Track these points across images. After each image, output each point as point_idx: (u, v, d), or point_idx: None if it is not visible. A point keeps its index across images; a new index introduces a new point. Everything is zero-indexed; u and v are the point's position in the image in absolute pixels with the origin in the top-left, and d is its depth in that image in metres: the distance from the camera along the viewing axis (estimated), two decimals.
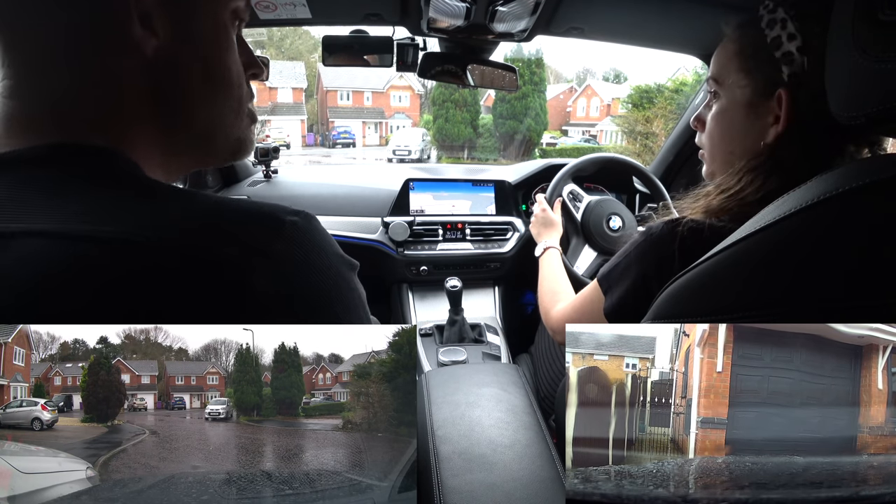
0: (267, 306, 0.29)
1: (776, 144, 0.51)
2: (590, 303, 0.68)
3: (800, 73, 0.48)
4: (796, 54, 0.48)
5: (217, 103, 0.38)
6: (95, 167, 0.31)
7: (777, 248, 0.34)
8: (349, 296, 0.34)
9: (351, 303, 0.34)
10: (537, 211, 1.16)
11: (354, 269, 0.36)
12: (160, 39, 0.33)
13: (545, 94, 16.53)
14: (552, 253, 1.05)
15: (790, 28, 0.48)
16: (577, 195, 1.25)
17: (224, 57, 0.37)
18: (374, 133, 20.89)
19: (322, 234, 0.33)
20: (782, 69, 0.49)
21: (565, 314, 0.78)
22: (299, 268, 0.31)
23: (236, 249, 0.29)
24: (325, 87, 20.43)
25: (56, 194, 0.29)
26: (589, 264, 1.19)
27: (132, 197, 0.30)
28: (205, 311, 0.27)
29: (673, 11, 1.00)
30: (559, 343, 0.94)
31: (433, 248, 1.37)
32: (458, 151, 15.85)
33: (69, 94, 0.32)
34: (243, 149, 0.41)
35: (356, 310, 0.35)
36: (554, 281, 0.96)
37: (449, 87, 14.00)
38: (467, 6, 0.92)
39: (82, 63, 0.32)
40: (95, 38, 0.32)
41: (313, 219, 0.33)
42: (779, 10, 0.49)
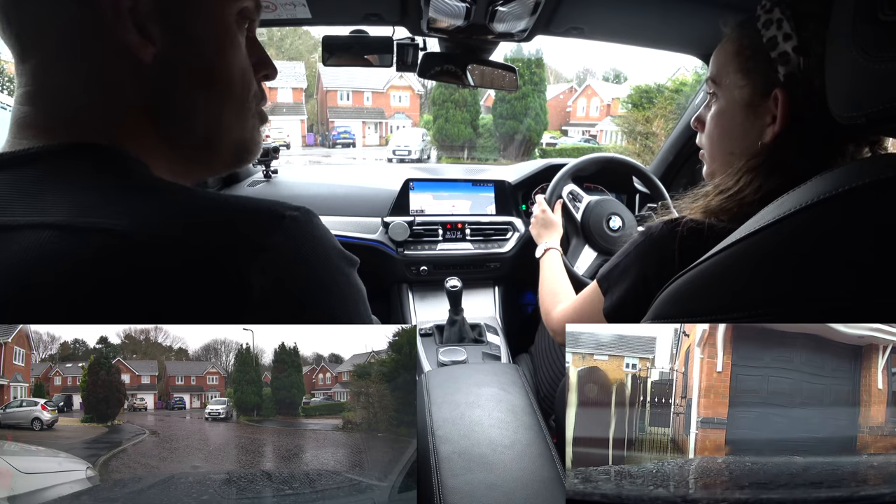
0: (267, 300, 0.29)
1: (774, 144, 0.51)
2: (589, 303, 0.68)
3: (796, 72, 0.48)
4: (792, 54, 0.48)
5: (218, 108, 0.38)
6: (101, 164, 0.32)
7: (777, 247, 0.34)
8: (348, 290, 0.34)
9: (350, 297, 0.34)
10: (537, 212, 1.16)
11: (354, 265, 0.36)
12: (158, 46, 0.34)
13: (545, 94, 16.52)
14: (553, 254, 1.05)
15: (786, 28, 0.48)
16: (577, 195, 1.25)
17: (226, 60, 0.37)
18: (374, 133, 20.88)
19: (321, 230, 0.33)
20: (779, 69, 0.49)
21: (565, 315, 0.78)
22: (298, 261, 0.31)
23: (236, 243, 0.29)
24: (325, 87, 20.43)
25: (68, 190, 0.30)
26: (589, 264, 1.19)
27: (136, 192, 0.31)
28: (206, 306, 0.28)
29: (672, 11, 1.00)
30: (560, 344, 0.95)
31: (433, 248, 1.37)
32: (458, 151, 15.84)
33: (78, 101, 0.33)
34: (249, 151, 0.41)
35: (355, 305, 0.35)
36: (554, 282, 0.96)
37: (449, 87, 13.99)
38: (467, 6, 0.92)
39: (87, 70, 0.33)
40: (95, 46, 0.33)
41: (313, 214, 0.33)
42: (775, 10, 0.49)
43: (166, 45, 0.34)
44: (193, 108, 0.37)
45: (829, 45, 0.37)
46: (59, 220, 0.28)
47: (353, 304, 0.35)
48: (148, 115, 0.35)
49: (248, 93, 0.39)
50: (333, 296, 0.33)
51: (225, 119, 0.38)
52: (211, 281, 0.28)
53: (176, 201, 0.31)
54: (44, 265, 0.27)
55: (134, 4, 0.32)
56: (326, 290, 0.32)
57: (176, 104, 0.36)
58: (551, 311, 0.85)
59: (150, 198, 0.31)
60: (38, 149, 0.32)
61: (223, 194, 0.33)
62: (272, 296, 0.29)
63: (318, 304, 0.32)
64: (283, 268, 0.30)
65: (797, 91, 0.49)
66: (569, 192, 1.24)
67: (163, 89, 0.35)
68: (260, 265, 0.29)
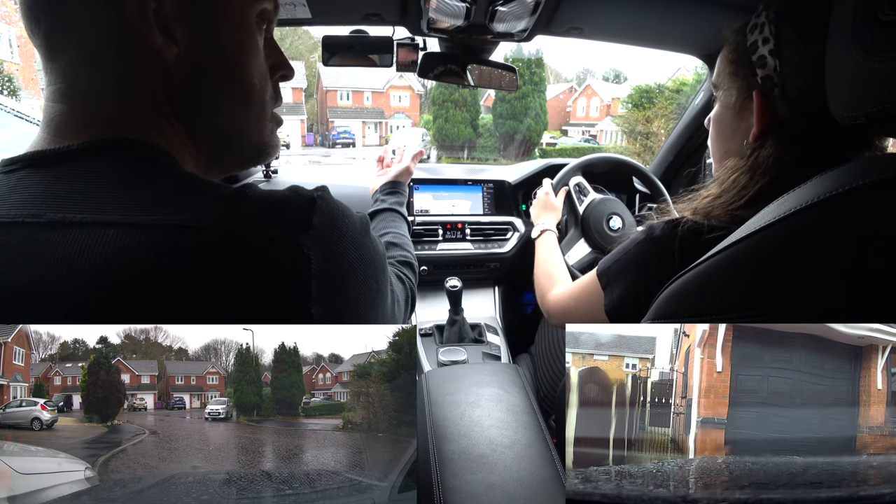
0: (321, 269, 0.32)
1: (754, 145, 0.52)
2: (587, 294, 0.68)
3: (772, 75, 0.49)
4: (768, 57, 0.49)
5: (239, 109, 0.39)
6: (140, 160, 0.33)
7: (777, 247, 0.34)
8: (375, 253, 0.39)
9: (380, 259, 0.39)
10: (541, 194, 1.17)
11: (369, 224, 0.40)
12: (181, 48, 0.34)
13: (545, 93, 16.50)
14: (549, 236, 1.05)
15: (766, 32, 0.49)
16: (584, 189, 1.26)
17: (247, 62, 0.38)
18: (374, 133, 20.84)
19: (341, 204, 0.37)
20: (757, 72, 0.50)
21: (562, 300, 0.79)
22: (336, 234, 0.34)
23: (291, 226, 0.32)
24: (325, 86, 20.39)
25: (117, 186, 0.31)
26: (581, 258, 1.20)
27: (184, 187, 0.33)
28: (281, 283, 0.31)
29: (673, 11, 1.00)
30: (556, 326, 0.95)
31: (433, 248, 1.37)
32: (458, 151, 15.80)
33: (110, 98, 0.34)
34: (266, 153, 0.43)
35: (383, 266, 0.40)
36: (550, 264, 0.97)
37: (449, 87, 13.94)
38: (467, 6, 0.92)
39: (117, 68, 0.34)
40: (123, 45, 0.33)
41: (328, 191, 0.36)
42: (762, 14, 0.50)
43: (189, 45, 0.35)
44: (216, 107, 0.38)
45: (829, 44, 0.37)
46: (119, 218, 0.29)
47: (382, 266, 0.40)
48: (174, 113, 0.36)
49: (265, 93, 0.40)
50: (367, 253, 0.37)
51: (245, 118, 0.39)
52: (281, 260, 0.31)
53: (224, 195, 0.33)
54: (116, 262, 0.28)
55: (158, 6, 0.33)
56: (359, 252, 0.36)
57: (199, 103, 0.37)
58: (547, 293, 0.85)
59: (200, 192, 0.32)
60: (78, 145, 0.32)
61: (248, 186, 0.34)
62: (324, 265, 0.32)
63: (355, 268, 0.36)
64: (328, 240, 0.33)
65: (772, 93, 0.50)
66: (576, 184, 1.26)
67: (186, 88, 0.36)
68: (310, 241, 0.32)
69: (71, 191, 0.30)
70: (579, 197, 1.24)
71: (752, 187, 0.50)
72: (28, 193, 0.31)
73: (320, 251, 0.32)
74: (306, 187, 0.35)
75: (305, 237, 0.32)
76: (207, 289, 0.29)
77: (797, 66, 0.47)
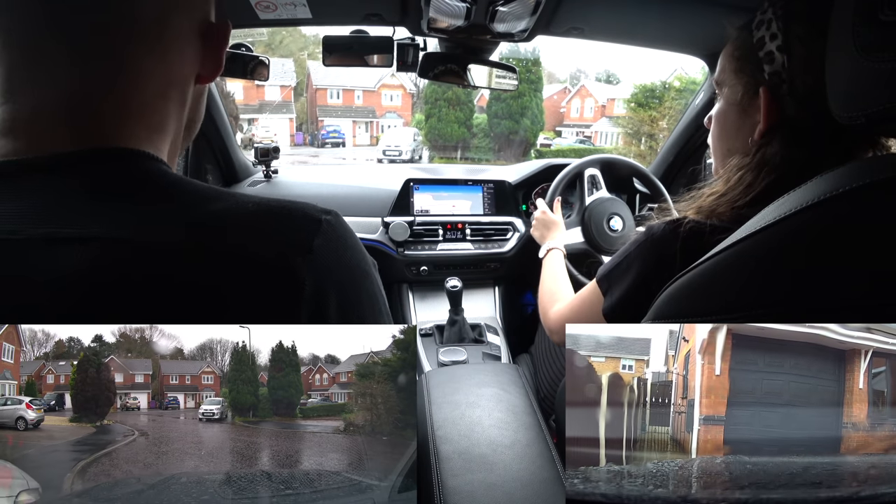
0: (313, 296, 0.31)
1: (760, 142, 0.52)
2: (588, 303, 0.68)
3: (780, 71, 0.49)
4: (776, 53, 0.49)
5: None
6: (141, 171, 0.33)
7: (778, 247, 0.34)
8: (373, 289, 0.38)
9: (375, 295, 0.38)
10: (537, 214, 1.17)
11: (375, 266, 0.39)
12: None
13: (542, 93, 16.42)
14: (555, 254, 1.05)
15: (774, 28, 0.49)
16: (598, 184, 1.28)
17: None
18: (365, 133, 20.51)
19: (350, 231, 0.36)
20: (764, 68, 0.50)
21: (563, 314, 0.78)
22: (335, 261, 0.34)
23: (290, 248, 0.31)
24: (315, 85, 20.05)
25: (107, 198, 0.30)
26: (572, 243, 1.21)
27: (182, 200, 0.32)
28: (272, 304, 0.30)
29: (674, 11, 1.00)
30: (556, 343, 0.94)
31: (433, 249, 1.37)
32: (452, 152, 15.48)
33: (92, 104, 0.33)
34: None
35: (379, 303, 0.38)
36: (554, 282, 0.96)
37: (442, 86, 13.71)
38: (467, 6, 0.92)
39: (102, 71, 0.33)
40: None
41: (341, 217, 0.36)
42: (769, 10, 0.50)
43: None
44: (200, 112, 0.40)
45: (830, 44, 0.37)
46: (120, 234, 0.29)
47: (379, 302, 0.38)
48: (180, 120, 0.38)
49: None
50: (364, 291, 0.36)
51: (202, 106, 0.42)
52: (275, 282, 0.30)
53: (223, 210, 0.32)
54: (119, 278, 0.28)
55: None
56: (357, 286, 0.36)
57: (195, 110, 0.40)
58: (549, 310, 0.85)
59: (197, 206, 0.32)
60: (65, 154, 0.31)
61: (257, 196, 0.34)
62: (317, 292, 0.32)
63: (351, 300, 0.35)
64: (325, 266, 0.32)
65: (780, 90, 0.49)
66: (591, 176, 1.27)
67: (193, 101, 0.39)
68: (307, 265, 0.31)
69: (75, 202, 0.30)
70: (591, 189, 1.26)
71: (759, 185, 0.50)
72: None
73: (315, 276, 0.32)
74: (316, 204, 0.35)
75: (303, 261, 0.31)
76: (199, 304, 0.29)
77: (806, 63, 0.47)
